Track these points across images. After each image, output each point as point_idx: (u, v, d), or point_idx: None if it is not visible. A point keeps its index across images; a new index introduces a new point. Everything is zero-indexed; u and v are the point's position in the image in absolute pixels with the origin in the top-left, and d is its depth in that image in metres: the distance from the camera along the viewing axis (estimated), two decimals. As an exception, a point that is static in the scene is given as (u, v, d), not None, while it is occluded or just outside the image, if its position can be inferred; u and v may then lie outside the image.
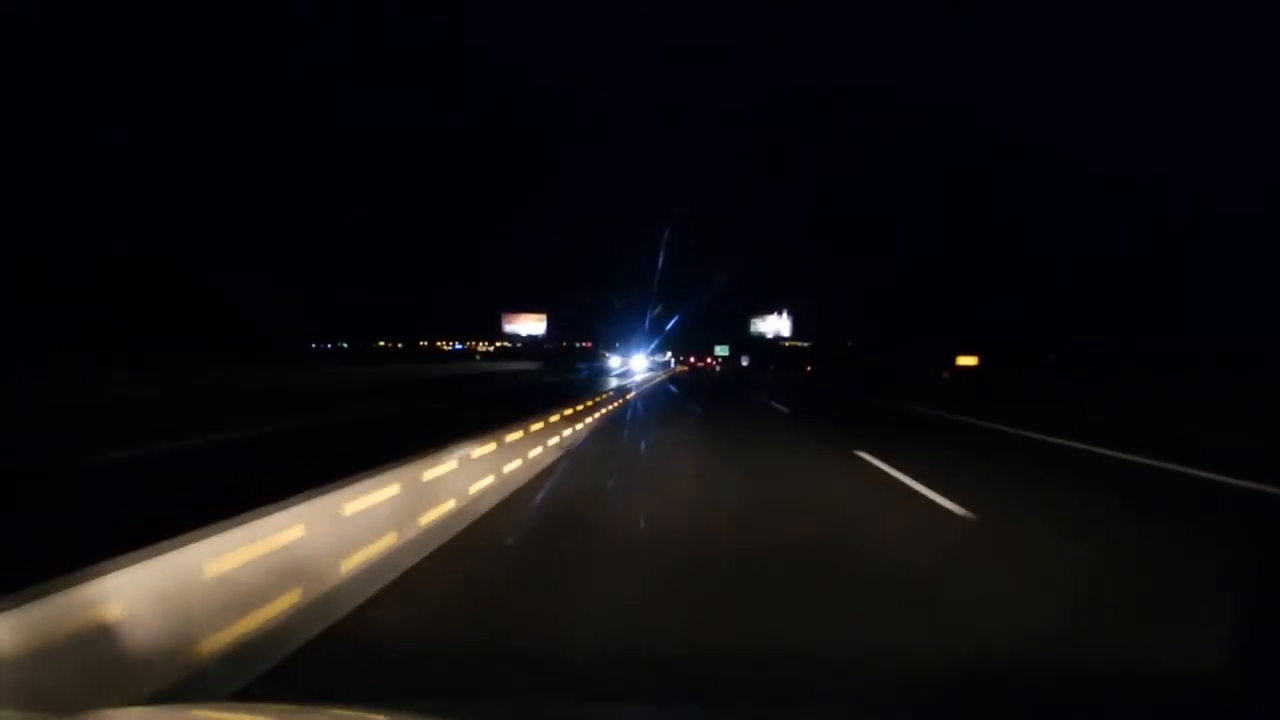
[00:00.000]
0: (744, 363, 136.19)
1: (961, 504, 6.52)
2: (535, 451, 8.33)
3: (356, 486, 3.96)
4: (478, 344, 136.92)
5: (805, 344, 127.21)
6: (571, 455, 9.90)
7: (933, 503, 6.72)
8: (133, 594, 2.44)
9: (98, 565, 2.37)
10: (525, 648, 3.36)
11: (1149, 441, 11.28)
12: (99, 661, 2.25)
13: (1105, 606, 4.10)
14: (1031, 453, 10.65)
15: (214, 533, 2.90)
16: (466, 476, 5.92)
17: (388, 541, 4.31)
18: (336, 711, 1.79)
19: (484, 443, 6.52)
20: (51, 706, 2.00)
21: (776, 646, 3.39)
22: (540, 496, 7.03)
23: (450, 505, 5.47)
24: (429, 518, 5.03)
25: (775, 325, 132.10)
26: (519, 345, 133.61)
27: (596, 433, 13.03)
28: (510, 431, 7.50)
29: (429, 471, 5.21)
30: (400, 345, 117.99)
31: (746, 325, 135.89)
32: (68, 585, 2.22)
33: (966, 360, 60.18)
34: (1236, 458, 9.48)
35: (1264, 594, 4.38)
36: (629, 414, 18.08)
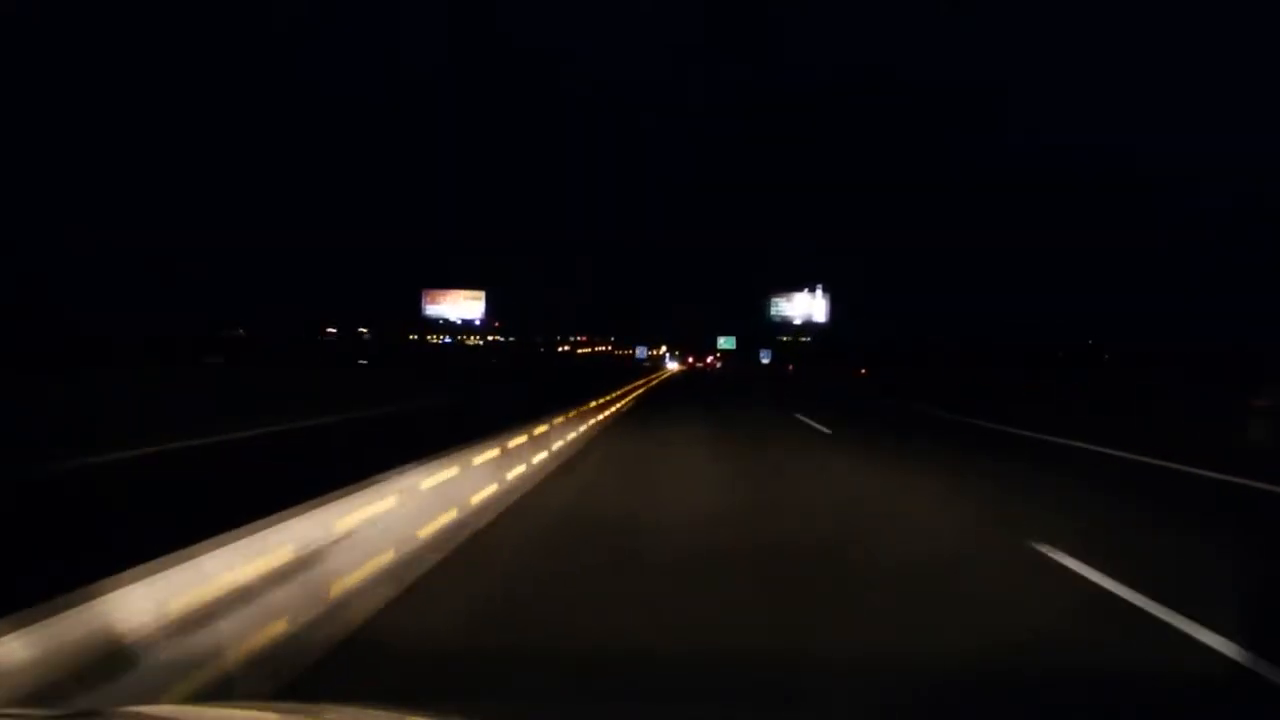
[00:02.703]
0: (765, 360, 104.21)
1: None
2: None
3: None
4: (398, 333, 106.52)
5: (813, 333, 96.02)
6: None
7: None
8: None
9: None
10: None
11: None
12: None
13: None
14: None
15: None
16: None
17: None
18: (347, 710, 1.88)
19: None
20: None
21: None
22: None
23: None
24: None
25: (806, 307, 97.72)
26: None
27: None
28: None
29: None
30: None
31: (764, 309, 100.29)
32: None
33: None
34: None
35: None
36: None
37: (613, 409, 16.42)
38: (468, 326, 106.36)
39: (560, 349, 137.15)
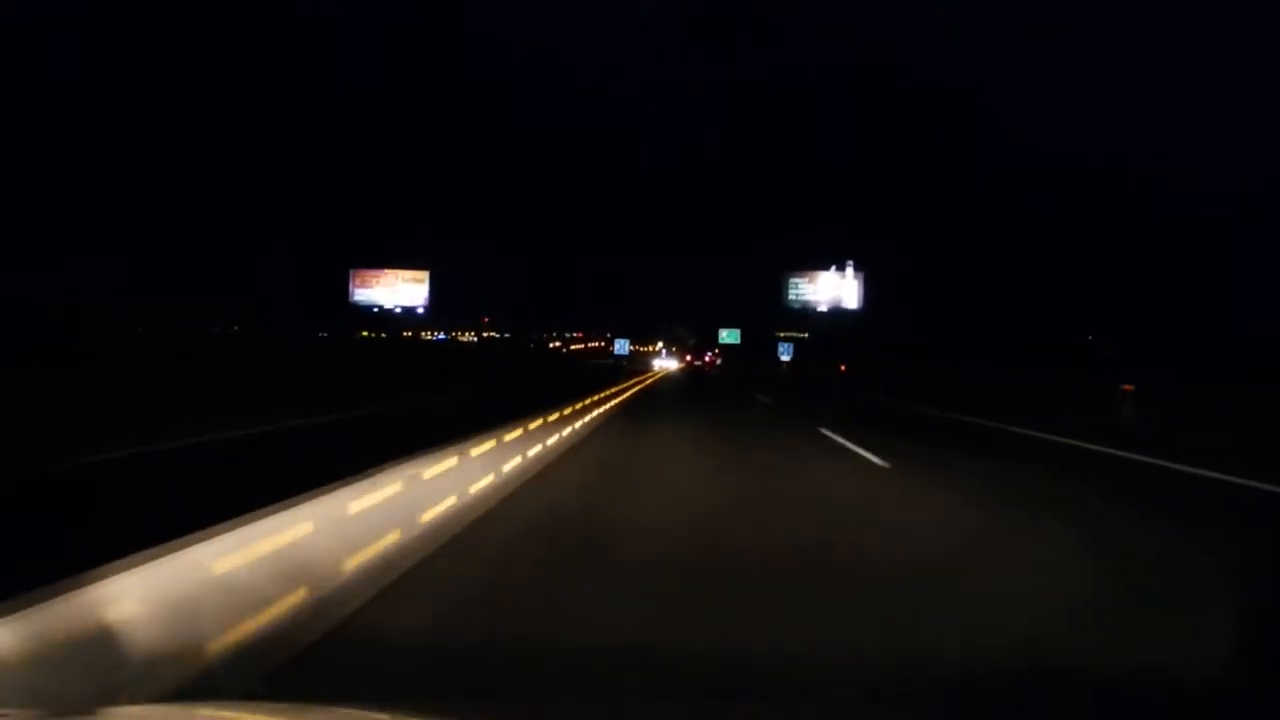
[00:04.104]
0: (785, 356, 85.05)
1: None
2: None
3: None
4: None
5: (841, 321, 77.88)
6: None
7: None
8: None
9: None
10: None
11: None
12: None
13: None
14: None
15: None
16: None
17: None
18: (343, 710, 1.93)
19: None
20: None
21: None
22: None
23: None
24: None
25: (833, 289, 78.40)
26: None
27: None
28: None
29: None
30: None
31: (780, 292, 79.89)
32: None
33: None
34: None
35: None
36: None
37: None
38: (408, 316, 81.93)
39: (551, 345, 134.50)
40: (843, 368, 60.47)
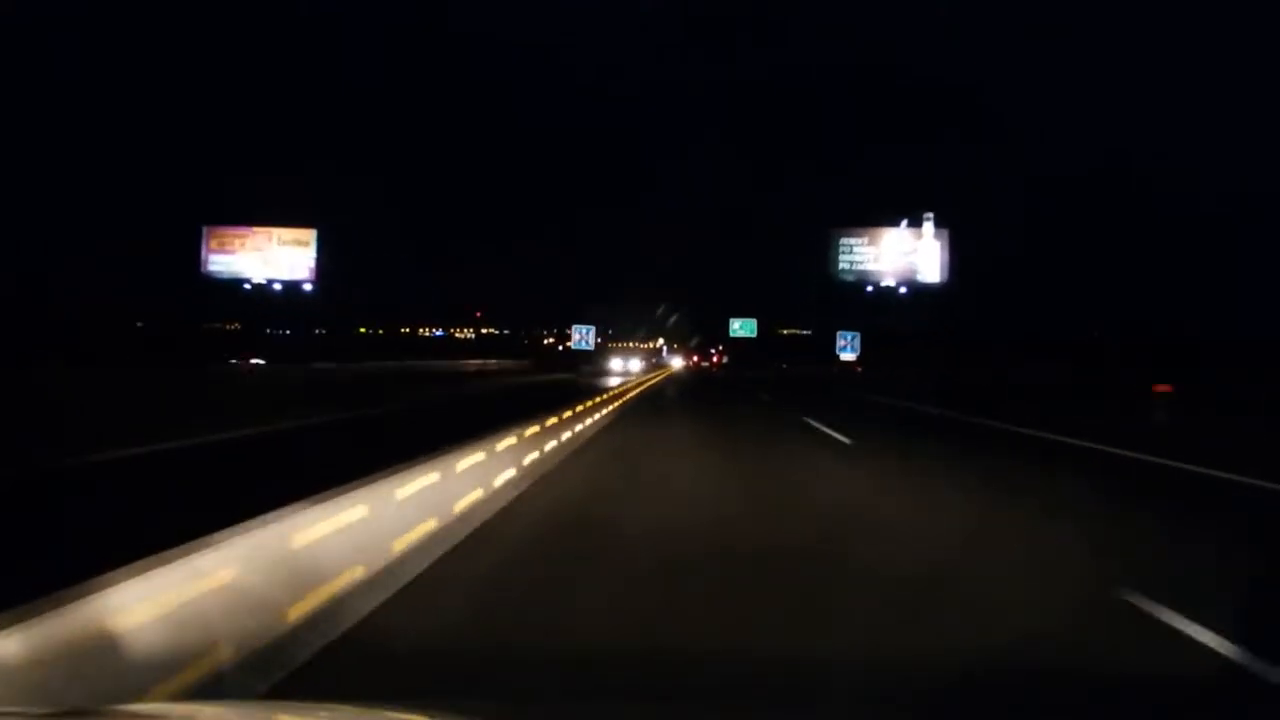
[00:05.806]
0: (847, 356, 60.91)
1: None
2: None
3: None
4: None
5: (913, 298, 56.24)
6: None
7: None
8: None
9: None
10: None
11: None
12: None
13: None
14: None
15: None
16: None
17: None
18: (350, 710, 1.98)
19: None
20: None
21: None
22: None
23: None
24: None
25: (904, 254, 55.66)
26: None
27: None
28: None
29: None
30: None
31: (829, 258, 57.20)
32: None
33: None
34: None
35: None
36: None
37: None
38: (293, 292, 56.79)
39: (547, 341, 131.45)
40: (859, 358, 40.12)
